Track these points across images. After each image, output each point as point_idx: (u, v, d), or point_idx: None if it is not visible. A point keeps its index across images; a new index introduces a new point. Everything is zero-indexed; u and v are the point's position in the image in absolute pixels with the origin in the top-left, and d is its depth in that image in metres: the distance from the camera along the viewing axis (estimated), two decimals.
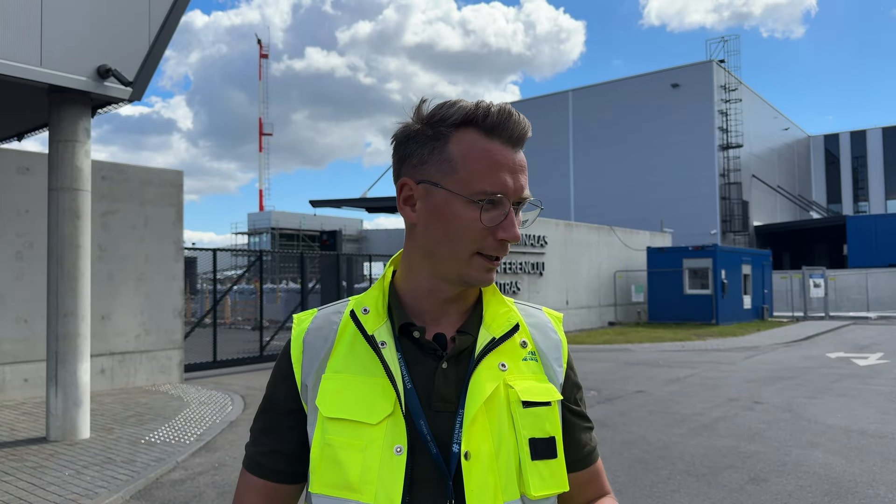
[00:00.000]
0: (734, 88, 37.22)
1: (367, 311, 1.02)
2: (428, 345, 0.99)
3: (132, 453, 6.12)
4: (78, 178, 6.65)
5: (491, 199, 0.94)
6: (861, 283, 27.82)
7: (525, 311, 1.10)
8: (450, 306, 1.03)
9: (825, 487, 5.14)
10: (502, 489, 0.93)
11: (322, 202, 27.44)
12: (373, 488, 0.91)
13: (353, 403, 0.95)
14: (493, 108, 0.97)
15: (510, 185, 0.95)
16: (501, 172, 0.95)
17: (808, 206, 44.74)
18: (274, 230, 42.63)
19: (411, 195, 1.00)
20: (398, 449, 0.92)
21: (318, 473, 0.94)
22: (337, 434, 0.94)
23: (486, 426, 0.95)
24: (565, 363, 1.08)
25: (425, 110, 0.99)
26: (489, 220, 0.95)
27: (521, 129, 0.97)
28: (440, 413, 0.95)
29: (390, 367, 0.95)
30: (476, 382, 0.96)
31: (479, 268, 0.97)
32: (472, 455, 0.92)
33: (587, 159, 40.26)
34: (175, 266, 10.57)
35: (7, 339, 8.67)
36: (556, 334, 1.09)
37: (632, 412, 8.03)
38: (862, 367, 11.76)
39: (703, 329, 19.99)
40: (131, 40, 6.80)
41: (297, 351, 1.02)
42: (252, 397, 9.15)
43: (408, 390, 0.95)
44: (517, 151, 0.98)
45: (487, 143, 0.96)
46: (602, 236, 23.04)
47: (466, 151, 0.95)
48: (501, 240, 0.96)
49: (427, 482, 0.92)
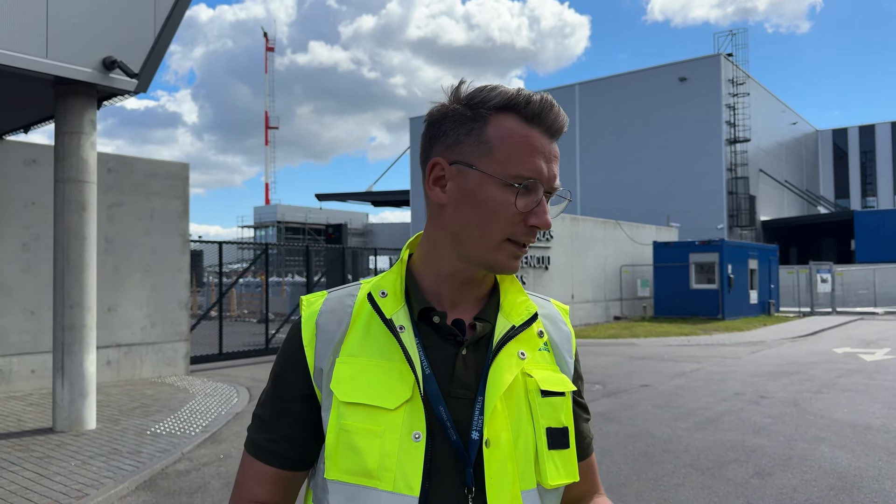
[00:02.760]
0: (742, 82, 37.02)
1: (385, 294, 1.00)
2: (448, 330, 0.98)
3: (138, 444, 6.15)
4: (84, 169, 6.66)
5: (526, 183, 0.93)
6: (868, 278, 27.65)
7: (537, 302, 1.09)
8: (468, 291, 1.02)
9: (830, 482, 5.12)
10: (520, 477, 0.93)
11: (328, 196, 27.47)
12: (391, 475, 0.89)
13: (370, 388, 0.93)
14: (535, 97, 0.96)
15: (545, 172, 0.95)
16: (538, 158, 0.94)
17: (815, 201, 44.52)
18: (280, 223, 42.72)
19: (442, 175, 0.98)
20: (416, 435, 0.90)
21: (335, 459, 0.92)
22: (353, 419, 0.92)
23: (505, 414, 0.94)
24: (574, 355, 1.09)
25: (464, 91, 0.98)
26: (523, 205, 0.94)
27: (561, 121, 0.97)
28: (459, 400, 0.94)
29: (409, 351, 0.94)
30: (497, 370, 0.95)
31: (509, 254, 0.96)
32: (493, 443, 0.92)
33: (593, 153, 40.14)
34: (181, 258, 10.59)
35: (14, 330, 8.72)
36: (565, 326, 1.10)
37: (637, 406, 8.02)
38: (868, 363, 11.71)
39: (709, 324, 19.93)
40: (137, 32, 6.80)
41: (310, 334, 0.99)
42: (257, 389, 9.18)
43: (426, 375, 0.94)
44: (553, 142, 0.97)
45: (527, 129, 0.95)
46: (608, 230, 22.98)
47: (505, 135, 0.94)
48: (532, 226, 0.95)
49: (446, 469, 0.91)
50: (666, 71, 37.98)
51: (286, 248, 34.38)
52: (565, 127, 0.98)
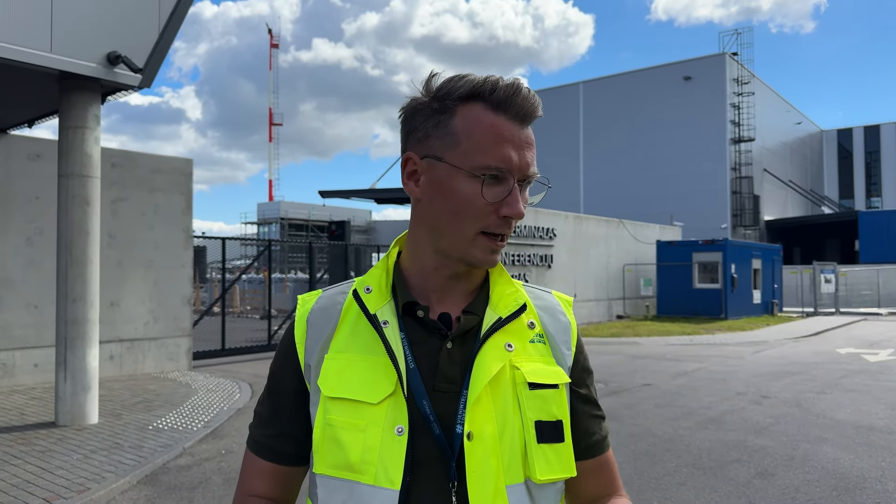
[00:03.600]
0: (747, 81, 36.93)
1: (369, 290, 1.00)
2: (432, 324, 0.97)
3: (140, 439, 6.16)
4: (87, 164, 6.67)
5: (494, 173, 0.92)
6: (872, 278, 27.56)
7: (534, 294, 1.07)
8: (455, 284, 1.00)
9: (833, 482, 5.10)
10: (505, 471, 0.91)
11: (331, 193, 27.40)
12: (373, 469, 0.89)
13: (355, 383, 0.93)
14: (502, 83, 0.93)
15: (515, 160, 0.92)
16: (505, 147, 0.92)
17: (819, 201, 44.41)
18: (283, 220, 42.72)
19: (415, 170, 0.98)
20: (399, 429, 0.90)
21: (321, 454, 0.93)
22: (338, 414, 0.93)
23: (490, 407, 0.93)
24: (574, 346, 1.06)
25: (434, 84, 0.97)
26: (492, 195, 0.92)
27: (530, 106, 0.94)
28: (444, 394, 0.93)
29: (392, 346, 0.94)
30: (481, 362, 0.94)
31: (484, 248, 0.95)
32: (476, 436, 0.91)
33: (597, 151, 40.09)
34: (184, 254, 10.60)
35: (17, 324, 8.73)
36: (565, 317, 1.07)
37: (639, 405, 8.00)
38: (872, 363, 11.68)
39: (711, 323, 19.89)
40: (141, 27, 6.80)
41: (301, 331, 1.01)
42: (259, 385, 9.19)
43: (411, 370, 0.93)
44: (524, 128, 0.95)
45: (493, 117, 0.93)
46: (611, 229, 22.95)
47: (471, 125, 0.93)
48: (505, 216, 0.93)
49: (429, 463, 0.90)
50: (671, 70, 37.91)
51: (289, 244, 34.44)
52: (537, 111, 0.95)
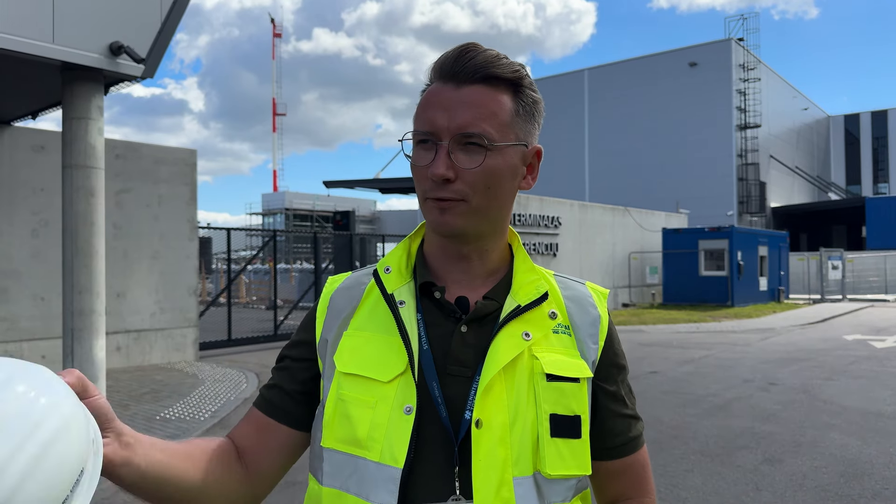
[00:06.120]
0: (753, 67, 36.65)
1: (389, 270, 1.02)
2: (448, 306, 0.97)
3: (147, 429, 6.18)
4: (91, 155, 6.66)
5: (421, 138, 0.94)
6: (880, 265, 27.44)
7: (564, 284, 1.05)
8: (467, 267, 1.00)
9: (841, 468, 5.09)
10: (514, 462, 0.89)
11: (335, 183, 27.41)
12: (379, 446, 0.89)
13: (368, 360, 0.94)
14: (450, 52, 0.95)
15: (438, 121, 0.92)
16: (430, 110, 0.93)
17: (826, 188, 44.17)
18: (288, 210, 42.76)
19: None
20: (408, 409, 0.90)
21: (331, 428, 0.94)
22: (350, 390, 0.93)
23: (502, 396, 0.91)
24: (602, 340, 1.03)
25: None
26: (419, 158, 0.94)
27: (464, 63, 0.92)
28: (455, 377, 0.93)
29: (406, 325, 0.94)
30: (495, 349, 0.93)
31: (432, 212, 0.95)
32: (485, 424, 0.89)
33: (602, 139, 39.92)
34: (189, 245, 10.61)
35: (24, 316, 8.77)
36: (595, 309, 1.04)
37: (645, 392, 8.00)
38: (879, 350, 11.64)
39: (718, 311, 19.86)
40: (143, 17, 6.77)
41: (323, 307, 1.04)
42: (266, 375, 9.21)
43: (423, 351, 0.93)
44: (461, 87, 0.92)
45: (433, 86, 0.95)
46: (617, 217, 22.89)
47: (420, 100, 0.97)
48: (432, 179, 0.93)
49: (434, 445, 0.90)
50: (676, 56, 37.65)
51: (294, 234, 34.45)
52: (479, 70, 0.92)
